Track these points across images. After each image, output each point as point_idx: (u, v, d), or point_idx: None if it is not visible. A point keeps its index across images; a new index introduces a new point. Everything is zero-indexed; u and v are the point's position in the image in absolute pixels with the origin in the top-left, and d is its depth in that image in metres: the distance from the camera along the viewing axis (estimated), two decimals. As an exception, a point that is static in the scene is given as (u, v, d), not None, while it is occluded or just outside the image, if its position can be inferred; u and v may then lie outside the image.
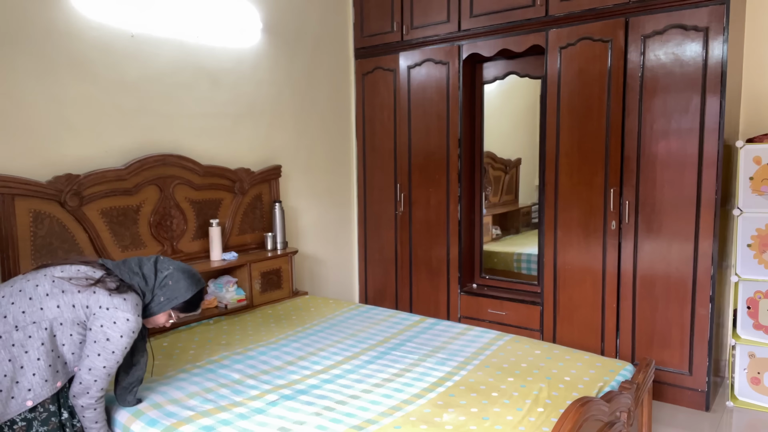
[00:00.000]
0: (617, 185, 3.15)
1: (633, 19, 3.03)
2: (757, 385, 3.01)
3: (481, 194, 3.95)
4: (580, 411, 1.77)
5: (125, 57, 2.89)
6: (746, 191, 2.94)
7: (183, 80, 3.16)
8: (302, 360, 2.52)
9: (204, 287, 2.10)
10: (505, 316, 3.66)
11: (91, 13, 2.73)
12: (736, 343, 3.02)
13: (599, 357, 2.55)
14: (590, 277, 3.28)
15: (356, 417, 1.97)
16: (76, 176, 2.63)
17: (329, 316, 3.19)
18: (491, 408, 2.04)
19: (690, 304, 3.00)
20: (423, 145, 3.93)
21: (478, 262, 3.99)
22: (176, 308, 2.03)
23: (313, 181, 4.06)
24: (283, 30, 3.73)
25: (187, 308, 2.06)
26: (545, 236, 3.43)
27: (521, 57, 3.65)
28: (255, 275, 3.35)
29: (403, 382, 2.27)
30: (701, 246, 2.94)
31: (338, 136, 4.25)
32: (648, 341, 3.14)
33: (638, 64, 3.03)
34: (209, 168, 3.23)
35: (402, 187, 4.08)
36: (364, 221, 4.38)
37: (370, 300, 4.40)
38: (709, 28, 2.83)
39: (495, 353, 2.58)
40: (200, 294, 2.07)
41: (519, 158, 3.97)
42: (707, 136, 2.88)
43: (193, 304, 2.06)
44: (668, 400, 3.12)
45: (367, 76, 4.21)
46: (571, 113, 3.27)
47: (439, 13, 3.74)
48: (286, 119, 3.80)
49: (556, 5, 3.25)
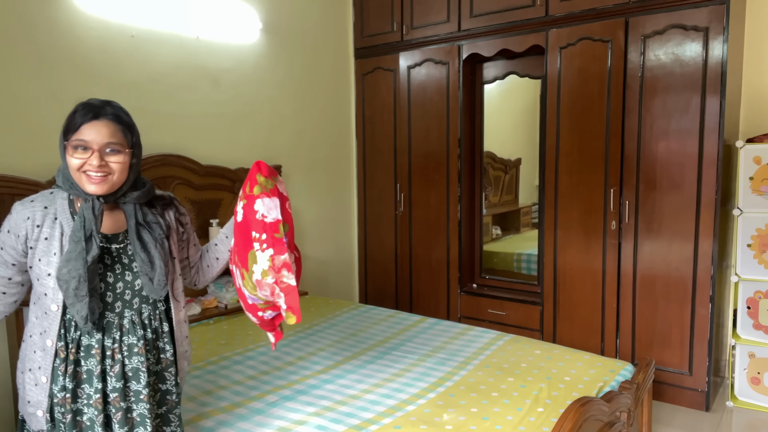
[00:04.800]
0: (617, 185, 3.14)
1: (633, 19, 3.03)
2: (757, 385, 3.01)
3: (481, 194, 3.95)
4: (580, 411, 1.77)
5: (125, 57, 2.89)
6: (746, 191, 2.94)
7: (183, 80, 3.16)
8: (302, 360, 2.52)
9: (88, 102, 1.47)
10: (505, 316, 3.66)
11: (91, 13, 2.73)
12: (736, 343, 3.02)
13: (599, 357, 2.55)
14: (590, 277, 3.28)
15: (356, 417, 1.97)
16: (76, 176, 2.63)
17: (329, 316, 3.19)
18: (491, 408, 2.03)
19: (690, 304, 3.00)
20: (423, 145, 3.93)
21: (478, 262, 3.99)
22: (64, 134, 1.44)
23: (313, 181, 4.06)
24: (283, 30, 3.73)
25: (68, 125, 1.43)
26: (545, 236, 3.43)
27: (521, 57, 3.65)
28: (255, 275, 3.34)
29: (403, 382, 2.27)
30: (701, 246, 2.94)
31: (338, 136, 4.25)
32: (648, 341, 3.14)
33: (638, 64, 3.03)
34: (209, 168, 3.23)
35: (402, 187, 4.08)
36: (364, 221, 4.38)
37: (370, 300, 4.40)
38: (709, 28, 2.83)
39: (495, 353, 2.58)
40: (77, 109, 1.46)
41: (519, 158, 3.97)
42: (707, 136, 2.88)
43: (71, 116, 1.45)
44: (668, 400, 3.12)
45: (367, 76, 4.21)
46: (571, 113, 3.27)
47: (439, 13, 3.74)
48: (286, 119, 3.80)
49: (556, 5, 3.25)
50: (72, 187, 1.44)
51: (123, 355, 1.47)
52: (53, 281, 1.42)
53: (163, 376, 1.57)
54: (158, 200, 1.59)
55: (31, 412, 1.48)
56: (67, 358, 1.43)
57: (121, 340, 1.48)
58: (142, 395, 1.49)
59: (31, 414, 1.49)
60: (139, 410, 1.49)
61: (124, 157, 1.43)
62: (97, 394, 1.44)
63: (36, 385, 1.46)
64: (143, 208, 1.52)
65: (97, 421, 1.44)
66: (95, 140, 1.39)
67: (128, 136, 1.46)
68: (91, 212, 1.41)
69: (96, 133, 1.39)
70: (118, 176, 1.43)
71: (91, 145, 1.38)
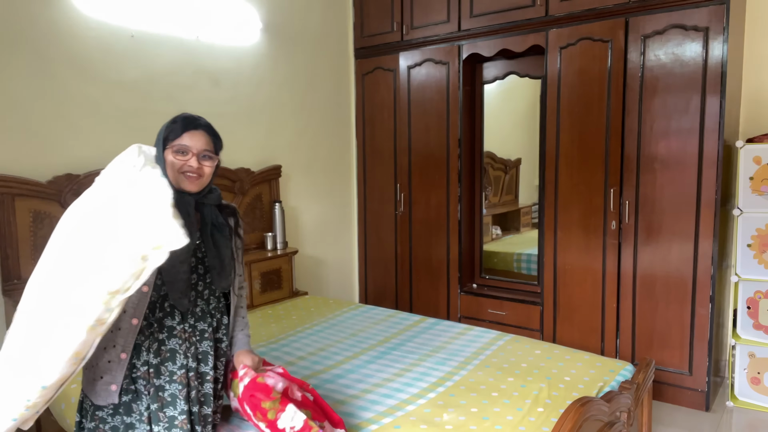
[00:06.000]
0: (617, 185, 3.15)
1: (633, 19, 3.03)
2: (757, 385, 3.01)
3: (481, 194, 3.95)
4: (580, 411, 1.77)
5: (125, 57, 2.89)
6: (746, 191, 2.94)
7: (183, 80, 3.16)
8: (303, 360, 2.52)
9: (187, 115, 1.65)
10: (505, 316, 3.66)
11: (91, 13, 2.73)
12: (736, 343, 3.02)
13: (599, 357, 2.55)
14: (590, 276, 3.28)
15: (356, 417, 1.97)
16: (76, 176, 2.63)
17: (329, 316, 3.19)
18: (491, 408, 2.04)
19: (690, 304, 3.00)
20: (423, 145, 3.93)
21: (478, 262, 3.99)
22: (165, 142, 1.60)
23: (313, 181, 4.06)
24: (283, 30, 3.73)
25: (168, 133, 1.60)
26: (545, 236, 3.43)
27: (521, 57, 3.65)
28: (255, 275, 3.35)
29: (403, 381, 2.27)
30: (701, 246, 2.94)
31: (338, 136, 4.25)
32: (648, 341, 3.14)
33: (638, 64, 3.03)
34: (209, 168, 3.23)
35: (402, 187, 4.08)
36: (364, 221, 4.38)
37: (370, 300, 4.40)
38: (709, 28, 2.83)
39: (495, 353, 2.58)
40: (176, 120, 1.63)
41: (519, 158, 3.97)
42: (707, 136, 2.88)
43: (171, 126, 1.62)
44: (668, 400, 3.12)
45: (367, 76, 4.21)
46: (571, 113, 3.27)
47: (439, 13, 3.74)
48: (286, 119, 3.80)
49: (556, 5, 3.25)
50: None
51: (196, 338, 1.67)
52: None
53: (217, 363, 1.76)
54: (225, 208, 1.79)
55: (103, 388, 1.57)
56: (151, 335, 1.60)
57: (194, 326, 1.67)
58: (209, 376, 1.69)
59: (101, 390, 1.57)
60: (205, 390, 1.69)
61: (213, 163, 1.66)
62: (181, 370, 1.62)
63: (110, 362, 1.56)
64: (215, 210, 1.72)
65: (179, 395, 1.61)
66: (195, 146, 1.61)
67: (217, 146, 1.70)
68: (190, 205, 1.61)
69: (196, 140, 1.62)
70: (206, 178, 1.65)
71: (191, 150, 1.60)
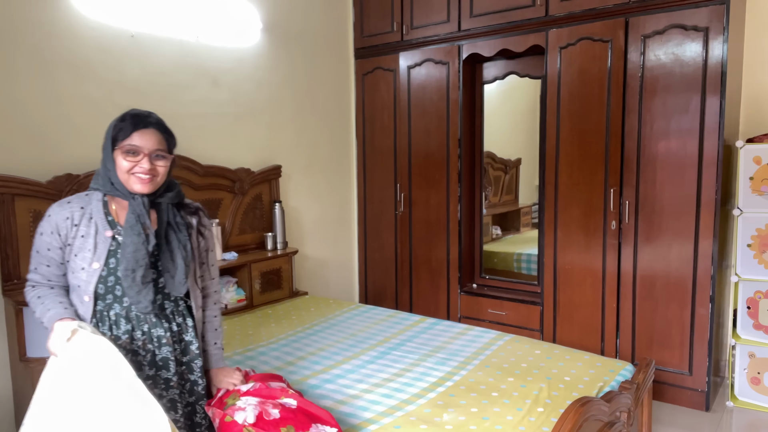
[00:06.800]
0: (617, 185, 3.15)
1: (633, 19, 3.03)
2: (757, 385, 3.01)
3: (481, 194, 3.95)
4: (580, 411, 1.77)
5: (125, 57, 2.89)
6: (746, 191, 2.94)
7: (183, 80, 3.16)
8: (302, 360, 2.52)
9: (136, 113, 1.60)
10: (505, 316, 3.66)
11: (91, 13, 2.73)
12: (736, 343, 3.02)
13: (599, 357, 2.55)
14: (590, 277, 3.28)
15: (356, 417, 1.97)
16: (76, 176, 2.63)
17: (329, 316, 3.19)
18: (491, 408, 2.04)
19: (690, 304, 3.00)
20: (423, 145, 3.93)
21: (478, 262, 3.99)
22: (113, 140, 1.56)
23: (313, 181, 4.06)
24: (283, 30, 3.73)
25: (117, 132, 1.56)
26: (545, 236, 3.43)
27: (521, 57, 3.65)
28: (255, 275, 3.35)
29: (403, 381, 2.27)
30: (701, 246, 2.94)
31: (338, 136, 4.25)
32: (648, 341, 3.14)
33: (638, 64, 3.03)
34: (209, 168, 3.23)
35: (402, 187, 4.08)
36: (364, 221, 4.38)
37: (370, 300, 4.40)
38: (709, 28, 2.83)
39: (495, 353, 2.58)
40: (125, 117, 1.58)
41: (519, 158, 3.97)
42: (707, 136, 2.88)
43: (119, 124, 1.57)
44: (668, 400, 3.12)
45: (367, 76, 4.21)
46: (571, 113, 3.27)
47: (439, 13, 3.74)
48: (286, 119, 3.80)
49: (556, 5, 3.25)
50: (113, 188, 1.56)
51: (153, 345, 1.61)
52: (86, 275, 1.54)
53: (190, 366, 1.70)
54: (186, 207, 1.73)
55: None
56: None
57: (149, 332, 1.61)
58: (172, 383, 1.64)
59: None
60: (170, 396, 1.63)
61: (167, 162, 1.60)
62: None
63: None
64: (173, 210, 1.65)
65: None
66: (146, 146, 1.54)
67: (170, 143, 1.64)
68: (142, 207, 1.55)
69: (146, 140, 1.55)
70: (161, 178, 1.59)
71: (142, 150, 1.53)
